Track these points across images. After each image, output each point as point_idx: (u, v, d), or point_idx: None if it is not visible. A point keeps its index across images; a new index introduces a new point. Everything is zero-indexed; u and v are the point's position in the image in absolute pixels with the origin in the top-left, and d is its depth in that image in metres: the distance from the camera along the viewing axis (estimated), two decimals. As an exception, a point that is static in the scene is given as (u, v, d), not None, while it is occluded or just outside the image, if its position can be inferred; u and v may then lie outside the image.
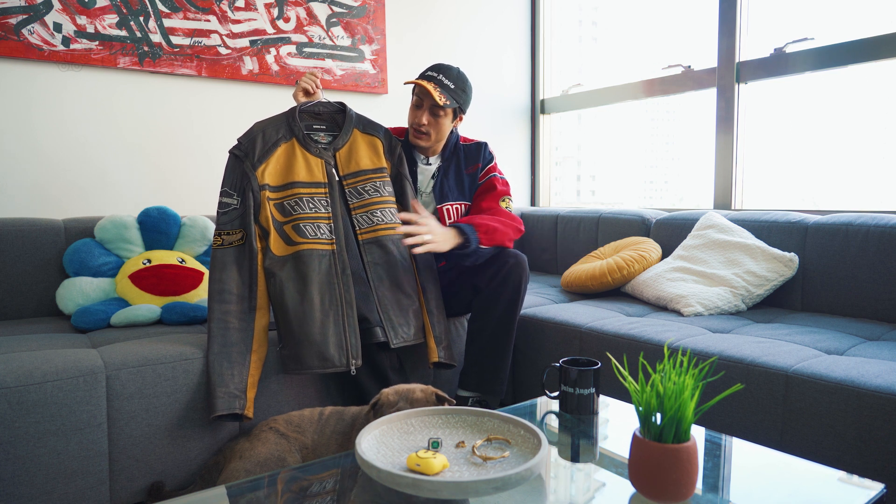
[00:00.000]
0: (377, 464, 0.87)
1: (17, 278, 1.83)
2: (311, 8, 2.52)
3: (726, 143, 2.40)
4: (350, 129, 1.74)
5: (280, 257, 1.61)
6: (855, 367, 1.29)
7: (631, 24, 3.31)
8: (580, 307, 2.00)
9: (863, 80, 2.18)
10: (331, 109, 1.75)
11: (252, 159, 1.63)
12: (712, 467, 0.99)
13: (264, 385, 1.60)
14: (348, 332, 1.58)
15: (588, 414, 1.19)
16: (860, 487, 0.92)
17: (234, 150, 1.65)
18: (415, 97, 1.82)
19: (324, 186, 1.67)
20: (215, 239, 1.60)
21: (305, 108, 1.72)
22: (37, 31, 1.98)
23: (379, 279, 1.68)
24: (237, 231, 1.60)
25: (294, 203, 1.63)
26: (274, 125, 1.69)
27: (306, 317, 1.56)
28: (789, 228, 1.97)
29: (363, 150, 1.75)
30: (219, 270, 1.58)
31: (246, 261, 1.60)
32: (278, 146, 1.67)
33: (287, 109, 1.73)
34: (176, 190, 2.30)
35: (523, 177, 3.32)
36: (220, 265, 1.58)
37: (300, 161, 1.67)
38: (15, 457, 1.27)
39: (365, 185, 1.72)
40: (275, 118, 1.71)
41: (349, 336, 1.58)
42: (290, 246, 1.61)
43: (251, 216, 1.61)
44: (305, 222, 1.62)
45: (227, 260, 1.59)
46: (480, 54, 3.11)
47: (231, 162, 1.64)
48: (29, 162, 2.03)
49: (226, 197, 1.62)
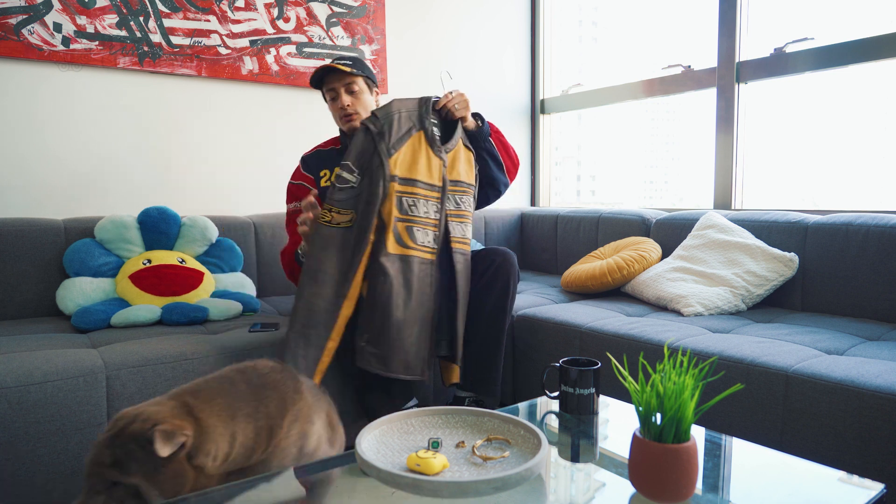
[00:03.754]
0: (377, 464, 0.87)
1: (17, 278, 1.83)
2: (311, 8, 2.52)
3: (726, 143, 2.40)
4: (458, 135, 1.68)
5: (392, 255, 1.54)
6: (855, 367, 1.29)
7: (631, 24, 3.31)
8: (580, 307, 2.00)
9: (863, 80, 2.18)
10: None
11: (387, 142, 1.53)
12: (712, 467, 0.99)
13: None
14: (430, 344, 1.58)
15: (588, 414, 1.18)
16: (860, 487, 0.92)
17: (368, 123, 1.54)
18: (327, 93, 1.80)
19: (438, 190, 1.61)
20: (323, 213, 1.52)
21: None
22: (37, 31, 1.98)
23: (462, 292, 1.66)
24: (347, 212, 1.52)
25: (412, 203, 1.56)
26: (408, 111, 1.59)
27: (406, 325, 1.53)
28: (789, 228, 1.97)
29: (464, 160, 1.69)
30: (320, 249, 1.50)
31: (350, 246, 1.51)
32: (410, 136, 1.57)
33: (421, 96, 1.64)
34: (176, 190, 2.29)
35: (523, 177, 3.32)
36: (323, 244, 1.50)
37: (423, 158, 1.59)
38: (15, 457, 1.27)
39: (461, 196, 1.68)
40: (410, 101, 1.61)
41: (430, 348, 1.58)
42: (400, 247, 1.55)
43: (371, 202, 1.51)
44: (418, 226, 1.57)
45: (332, 241, 1.50)
46: (480, 54, 3.11)
47: (361, 136, 1.54)
48: (29, 162, 2.03)
49: (347, 172, 1.52)
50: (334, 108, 1.81)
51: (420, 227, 1.57)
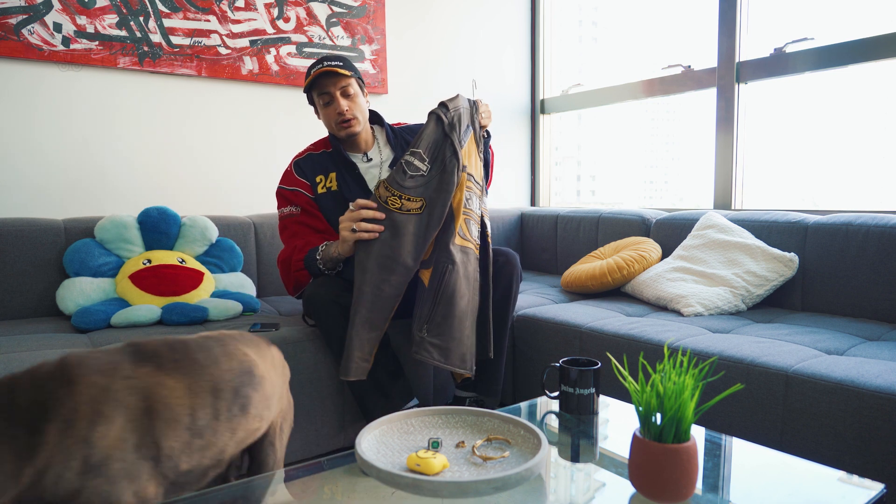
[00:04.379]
0: (377, 464, 0.87)
1: (17, 278, 1.83)
2: (311, 8, 2.52)
3: (726, 143, 2.40)
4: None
5: (458, 246, 1.54)
6: (855, 367, 1.29)
7: (631, 24, 3.31)
8: (580, 307, 2.00)
9: (863, 80, 2.18)
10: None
11: (458, 134, 1.53)
12: (712, 467, 0.99)
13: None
14: (475, 337, 1.59)
15: (588, 414, 1.18)
16: (860, 487, 0.92)
17: (440, 113, 1.54)
18: (320, 97, 1.72)
19: (481, 189, 1.63)
20: (393, 200, 1.51)
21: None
22: (37, 31, 1.98)
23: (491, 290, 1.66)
24: (419, 199, 1.52)
25: (469, 196, 1.57)
26: (465, 108, 1.59)
27: (466, 317, 1.54)
28: (789, 228, 1.97)
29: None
30: (393, 236, 1.50)
31: (422, 235, 1.52)
32: (469, 132, 1.59)
33: (469, 98, 1.64)
34: (176, 190, 2.29)
35: (523, 177, 3.32)
36: (395, 231, 1.50)
37: (474, 153, 1.60)
38: (15, 457, 1.27)
39: (483, 196, 1.69)
40: (464, 99, 1.61)
41: (475, 342, 1.59)
42: (461, 238, 1.56)
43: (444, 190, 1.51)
44: (471, 220, 1.58)
45: (407, 229, 1.51)
46: (480, 54, 3.11)
47: (433, 125, 1.54)
48: (29, 162, 2.03)
49: (418, 160, 1.52)
50: (328, 113, 1.72)
51: (473, 222, 1.59)
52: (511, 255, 1.75)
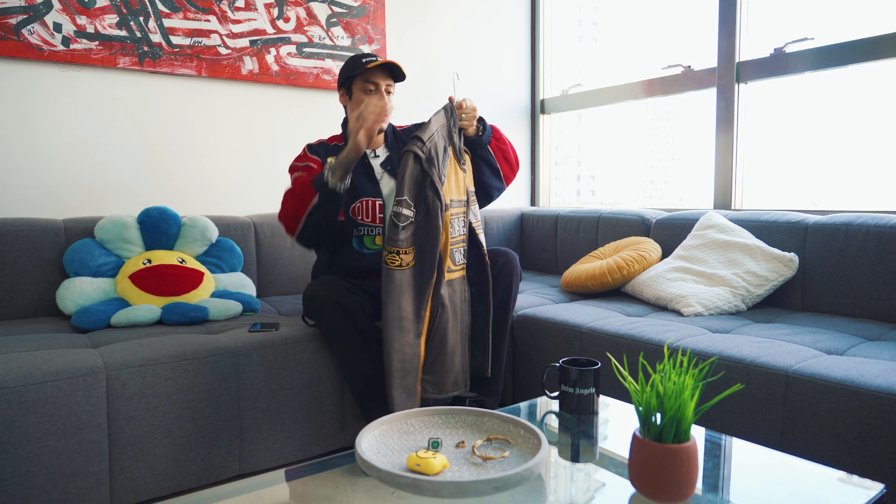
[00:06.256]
0: (377, 464, 0.87)
1: (17, 278, 1.83)
2: (311, 8, 2.52)
3: (726, 143, 2.40)
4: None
5: (445, 283, 1.53)
6: (855, 367, 1.29)
7: (631, 24, 3.31)
8: (580, 307, 2.00)
9: (863, 80, 2.18)
10: None
11: (437, 168, 1.46)
12: (712, 467, 0.99)
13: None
14: (469, 358, 1.62)
15: (588, 414, 1.18)
16: (860, 487, 0.92)
17: (416, 151, 1.45)
18: (367, 84, 1.70)
19: (464, 204, 1.57)
20: (390, 258, 1.46)
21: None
22: (37, 31, 1.98)
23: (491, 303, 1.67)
24: (411, 249, 1.47)
25: (453, 224, 1.52)
26: (440, 126, 1.51)
27: (455, 349, 1.56)
28: (789, 228, 1.97)
29: (468, 167, 1.67)
30: (397, 296, 1.46)
31: (419, 286, 1.48)
32: (447, 156, 1.50)
33: (445, 105, 1.56)
34: (176, 190, 2.29)
35: (523, 177, 3.32)
36: (399, 290, 1.46)
37: (453, 174, 1.54)
38: (15, 457, 1.27)
39: (474, 205, 1.66)
40: (439, 115, 1.52)
41: (468, 359, 1.62)
42: (447, 273, 1.53)
43: (432, 235, 1.46)
44: (456, 247, 1.54)
45: (406, 286, 1.47)
46: (480, 54, 3.11)
47: (411, 165, 1.45)
48: (29, 162, 2.03)
49: (405, 208, 1.45)
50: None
51: (457, 249, 1.57)
52: (511, 255, 1.75)
